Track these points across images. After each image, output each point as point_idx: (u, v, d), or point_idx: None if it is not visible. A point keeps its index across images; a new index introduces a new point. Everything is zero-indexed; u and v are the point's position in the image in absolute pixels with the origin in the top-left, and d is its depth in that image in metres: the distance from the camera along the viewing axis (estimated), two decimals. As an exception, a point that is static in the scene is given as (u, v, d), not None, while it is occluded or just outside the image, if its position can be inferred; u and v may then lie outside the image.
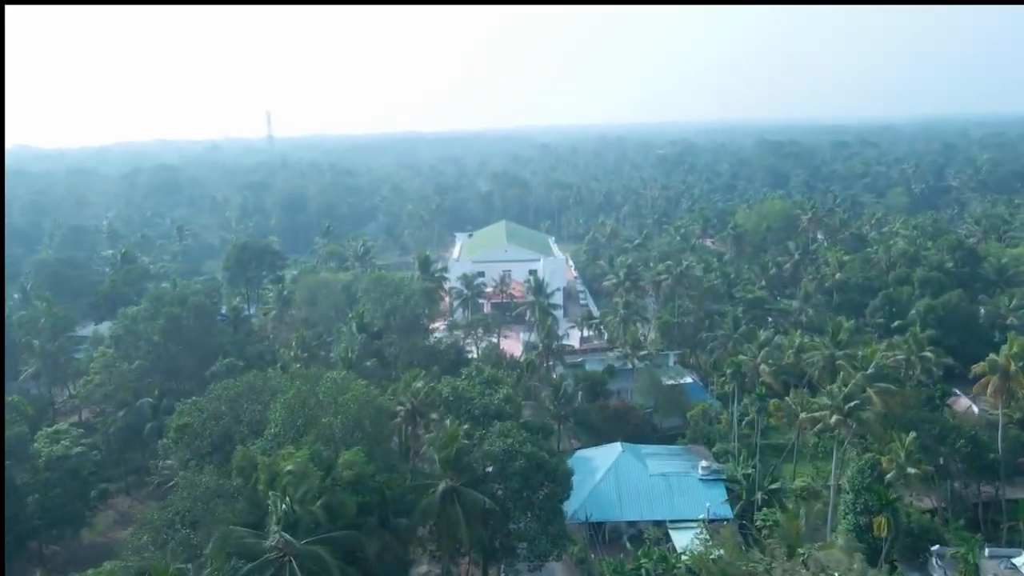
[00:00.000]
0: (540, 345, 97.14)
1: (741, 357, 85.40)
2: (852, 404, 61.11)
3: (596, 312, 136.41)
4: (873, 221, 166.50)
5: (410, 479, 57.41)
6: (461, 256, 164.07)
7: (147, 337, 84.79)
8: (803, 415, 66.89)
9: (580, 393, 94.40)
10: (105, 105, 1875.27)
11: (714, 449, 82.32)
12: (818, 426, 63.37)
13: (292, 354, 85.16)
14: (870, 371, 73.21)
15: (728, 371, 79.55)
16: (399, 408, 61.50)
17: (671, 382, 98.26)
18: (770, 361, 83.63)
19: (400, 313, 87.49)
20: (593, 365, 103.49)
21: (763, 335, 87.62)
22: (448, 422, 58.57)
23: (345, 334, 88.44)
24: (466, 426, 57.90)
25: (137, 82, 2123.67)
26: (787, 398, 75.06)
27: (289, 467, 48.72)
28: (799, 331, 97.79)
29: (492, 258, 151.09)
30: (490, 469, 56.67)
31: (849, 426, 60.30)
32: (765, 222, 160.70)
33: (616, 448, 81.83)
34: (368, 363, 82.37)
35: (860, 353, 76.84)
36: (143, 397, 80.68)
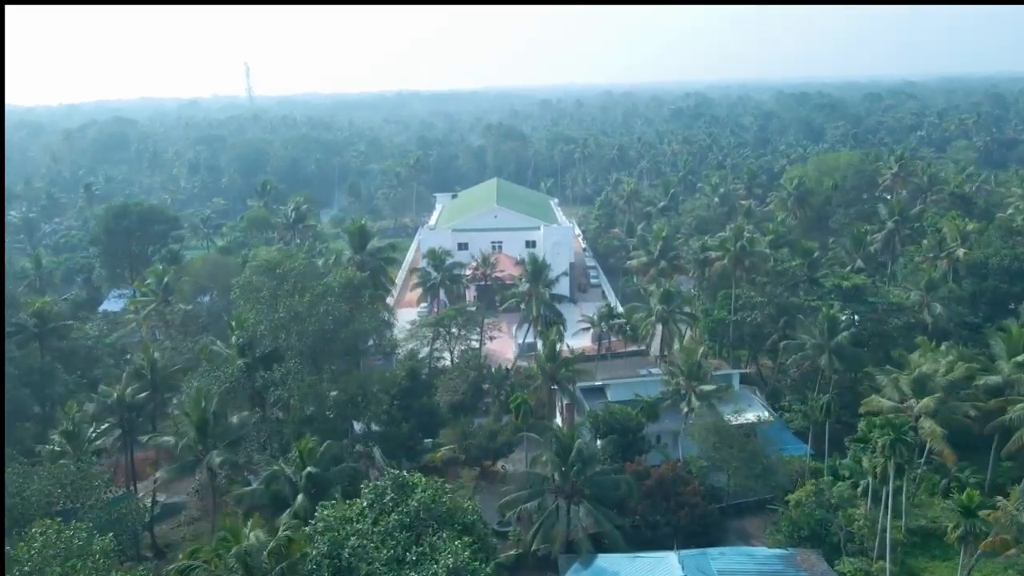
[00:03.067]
0: (539, 374, 61.72)
1: (883, 401, 50.08)
2: None
3: (614, 301, 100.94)
4: (962, 177, 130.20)
5: None
6: (439, 223, 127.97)
7: None
8: None
9: (599, 442, 59.47)
10: (92, 63, 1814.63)
11: (839, 567, 47.53)
12: None
13: (116, 395, 49.79)
14: None
15: (882, 440, 43.84)
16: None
17: (741, 421, 63.24)
18: (939, 411, 48.47)
19: (302, 326, 51.68)
20: (619, 393, 67.70)
21: (922, 363, 51.86)
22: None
23: (216, 360, 52.85)
24: None
25: (126, 39, 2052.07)
26: (1005, 502, 39.90)
27: None
28: (944, 345, 62.68)
29: (478, 225, 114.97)
30: None
31: None
32: (829, 179, 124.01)
33: (671, 564, 47.02)
34: (236, 418, 47.20)
35: None
36: None
